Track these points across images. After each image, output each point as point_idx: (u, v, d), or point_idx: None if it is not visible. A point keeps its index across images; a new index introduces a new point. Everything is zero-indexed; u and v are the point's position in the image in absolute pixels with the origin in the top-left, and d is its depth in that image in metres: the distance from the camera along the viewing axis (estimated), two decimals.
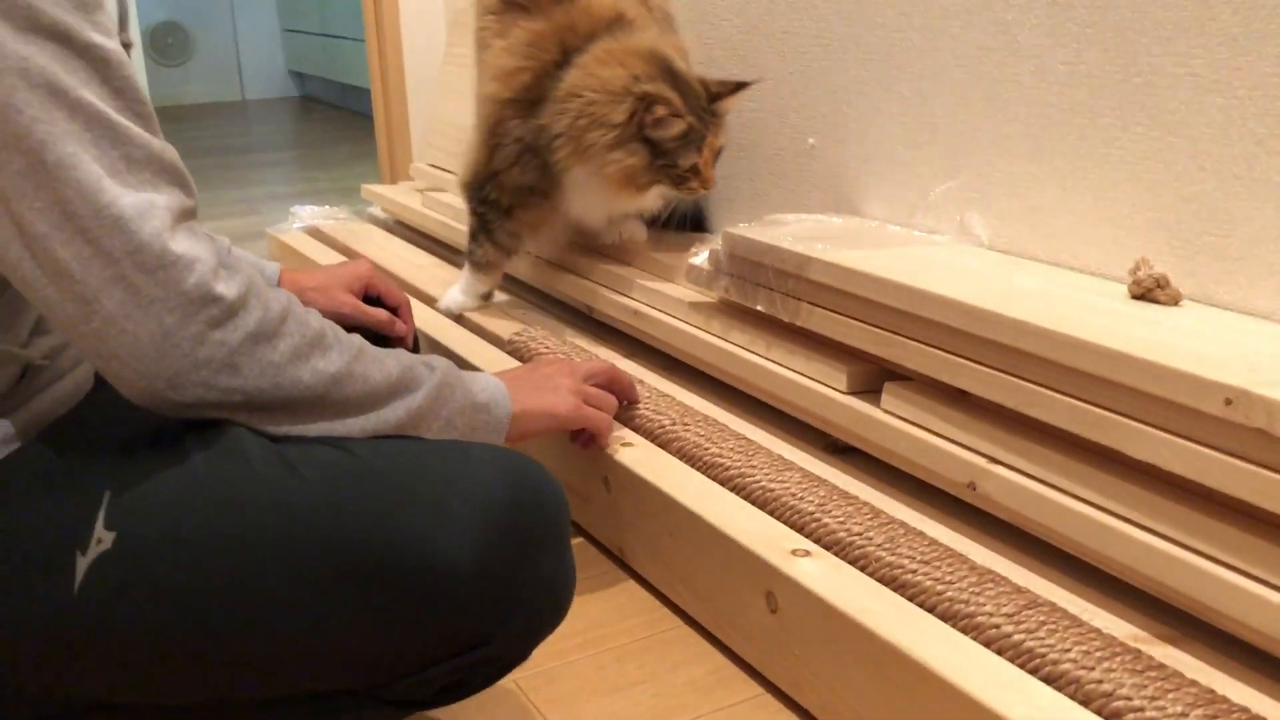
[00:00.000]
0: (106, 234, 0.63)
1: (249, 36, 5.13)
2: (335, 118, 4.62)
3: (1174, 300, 0.94)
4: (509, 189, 1.40)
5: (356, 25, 4.00)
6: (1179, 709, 0.68)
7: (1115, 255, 1.04)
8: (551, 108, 1.33)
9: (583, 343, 1.43)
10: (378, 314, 1.13)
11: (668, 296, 1.34)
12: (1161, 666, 0.73)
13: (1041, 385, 0.86)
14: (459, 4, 2.15)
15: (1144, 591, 0.81)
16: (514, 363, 1.36)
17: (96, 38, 0.64)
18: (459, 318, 1.51)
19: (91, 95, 0.64)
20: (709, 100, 1.31)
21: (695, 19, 1.56)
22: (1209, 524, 0.76)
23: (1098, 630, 0.77)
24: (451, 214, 1.90)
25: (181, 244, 0.65)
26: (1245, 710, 0.69)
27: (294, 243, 2.03)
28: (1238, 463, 0.73)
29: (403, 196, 2.13)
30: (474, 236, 1.48)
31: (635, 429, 1.14)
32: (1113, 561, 0.82)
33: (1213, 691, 0.70)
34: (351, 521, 0.67)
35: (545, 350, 1.35)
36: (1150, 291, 0.94)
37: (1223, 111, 0.94)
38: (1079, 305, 0.92)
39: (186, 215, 0.67)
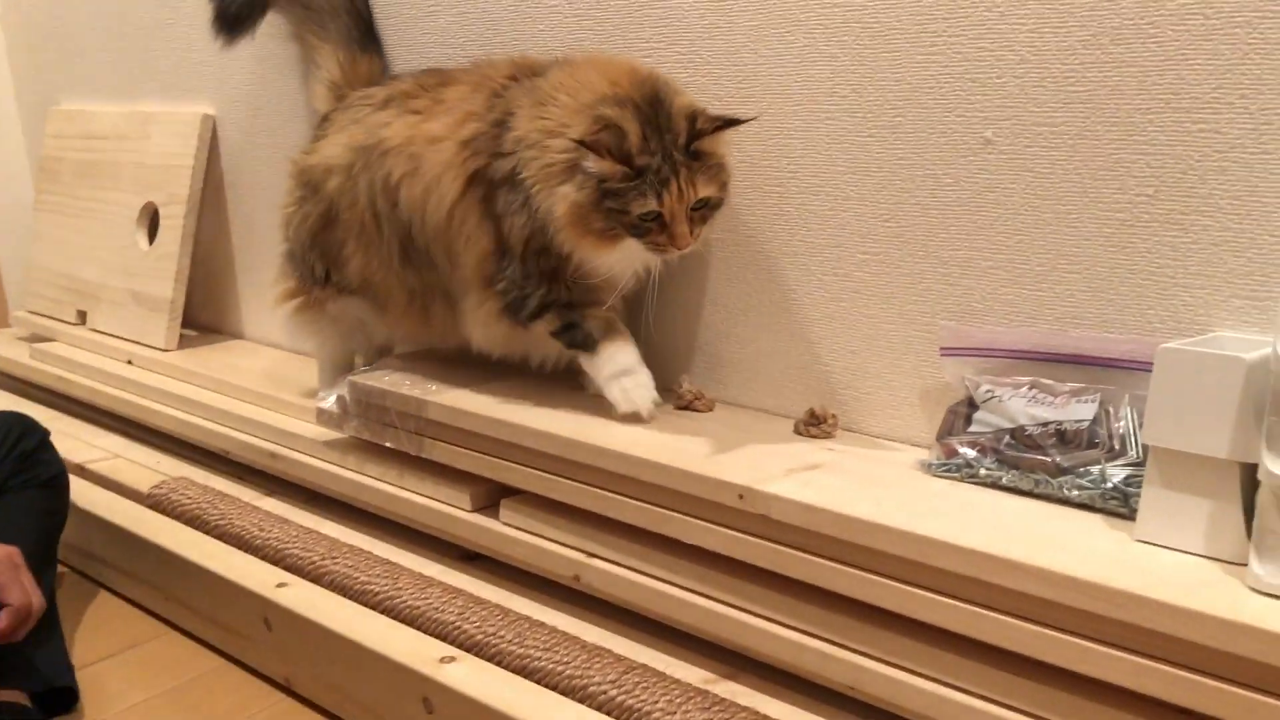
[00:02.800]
0: None
1: None
2: None
3: (709, 408, 1.22)
4: (532, 251, 1.15)
5: None
6: None
7: (670, 372, 1.32)
8: (524, 114, 1.14)
9: (222, 484, 1.53)
10: None
11: (301, 437, 1.47)
12: (723, 700, 0.98)
13: (617, 494, 1.10)
14: (46, 149, 2.15)
15: (709, 642, 1.06)
16: (157, 518, 1.44)
17: None
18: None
19: None
20: (689, 138, 1.08)
21: None
22: (745, 586, 1.03)
23: (678, 680, 1.01)
24: (65, 365, 1.90)
25: None
26: None
27: None
28: (751, 539, 1.00)
29: (4, 348, 2.08)
30: (571, 327, 1.19)
31: (288, 568, 1.27)
32: (684, 624, 1.07)
33: (759, 713, 0.96)
34: None
35: (188, 501, 1.45)
36: (690, 403, 1.21)
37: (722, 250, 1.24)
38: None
39: None
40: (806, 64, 1.14)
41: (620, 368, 1.16)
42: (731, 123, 1.09)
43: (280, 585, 1.22)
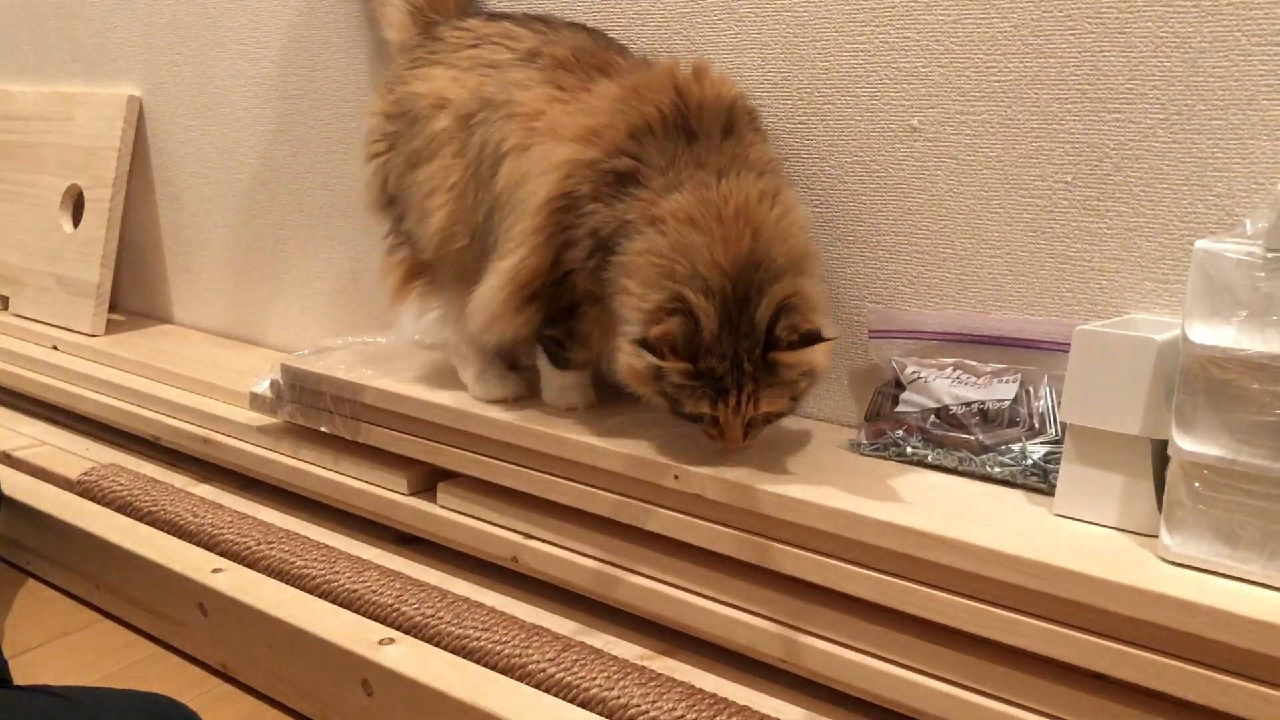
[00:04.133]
0: None
1: None
2: None
3: None
4: (579, 289, 1.07)
5: None
6: (670, 705, 0.95)
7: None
8: (642, 203, 0.99)
9: (154, 471, 1.51)
10: None
11: (234, 422, 1.46)
12: (660, 676, 1.00)
13: (555, 476, 1.12)
14: None
15: (646, 620, 1.08)
16: (87, 505, 1.42)
17: None
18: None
19: None
20: (766, 346, 0.95)
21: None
22: (680, 565, 1.05)
23: (615, 657, 1.03)
24: None
25: None
26: (715, 695, 0.97)
27: None
28: (687, 518, 1.02)
29: None
30: (561, 345, 1.15)
31: (223, 553, 1.27)
32: (621, 601, 1.08)
33: (694, 687, 0.99)
34: None
35: (119, 488, 1.43)
36: None
37: None
38: None
39: None
40: (739, 52, 1.16)
41: (571, 385, 1.19)
42: (810, 340, 0.95)
43: (215, 570, 1.21)
